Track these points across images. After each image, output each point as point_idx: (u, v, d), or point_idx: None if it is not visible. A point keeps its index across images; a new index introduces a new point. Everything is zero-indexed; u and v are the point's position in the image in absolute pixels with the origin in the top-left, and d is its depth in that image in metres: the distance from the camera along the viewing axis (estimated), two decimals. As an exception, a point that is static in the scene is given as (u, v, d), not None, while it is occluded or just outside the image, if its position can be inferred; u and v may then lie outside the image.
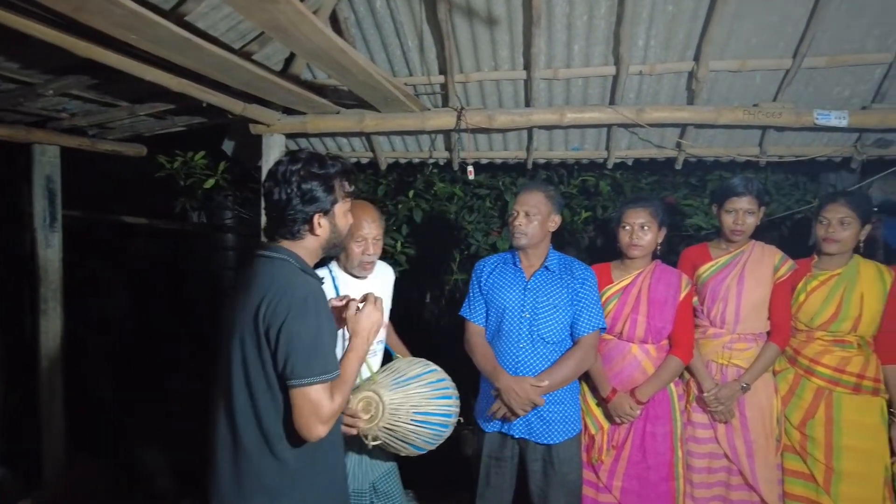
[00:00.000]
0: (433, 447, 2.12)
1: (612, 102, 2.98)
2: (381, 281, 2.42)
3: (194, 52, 2.09)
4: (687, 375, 2.52)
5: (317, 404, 1.45)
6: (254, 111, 2.94)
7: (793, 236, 3.63)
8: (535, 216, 2.35)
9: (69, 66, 2.52)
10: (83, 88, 2.77)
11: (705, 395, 2.42)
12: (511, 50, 2.78)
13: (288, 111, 3.16)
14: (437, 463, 2.45)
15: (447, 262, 4.19)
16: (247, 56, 2.52)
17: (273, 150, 3.17)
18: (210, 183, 3.72)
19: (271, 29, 1.83)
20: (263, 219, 2.97)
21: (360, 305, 1.74)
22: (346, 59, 2.12)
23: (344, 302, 1.79)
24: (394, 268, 2.57)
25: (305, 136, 3.38)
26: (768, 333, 2.48)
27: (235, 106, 2.81)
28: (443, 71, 2.93)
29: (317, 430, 1.46)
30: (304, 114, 3.15)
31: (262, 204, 1.73)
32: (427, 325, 4.32)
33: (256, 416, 1.51)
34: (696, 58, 2.68)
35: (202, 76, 2.43)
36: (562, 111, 2.98)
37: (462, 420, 2.20)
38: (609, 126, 3.13)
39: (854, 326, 2.37)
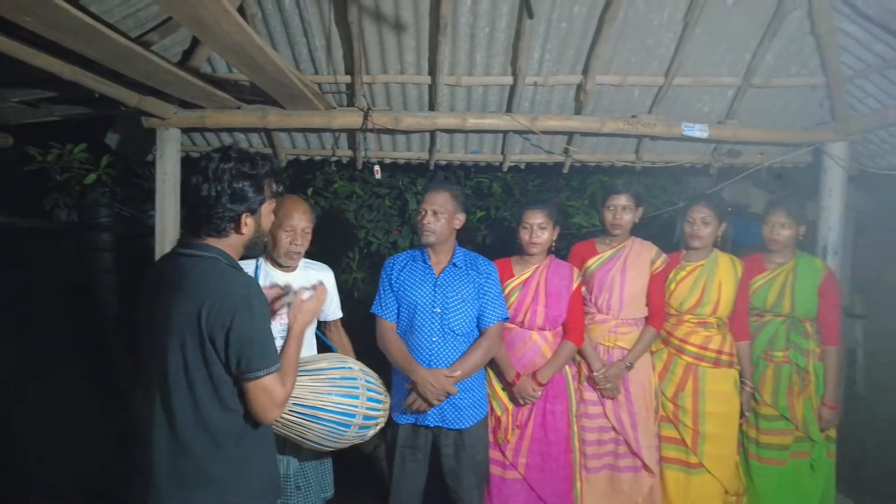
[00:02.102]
0: (339, 445, 2.09)
1: (508, 110, 3.21)
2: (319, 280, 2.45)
3: (95, 40, 1.98)
4: (578, 358, 2.79)
5: (271, 391, 1.55)
6: (149, 104, 2.80)
7: (661, 234, 4.09)
8: (441, 214, 2.48)
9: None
10: (-54, 70, 2.48)
11: (595, 374, 2.70)
12: (417, 55, 2.90)
13: (184, 104, 3.03)
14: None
15: (346, 260, 4.22)
16: (146, 46, 2.41)
17: (169, 145, 3.03)
18: (91, 178, 3.45)
19: (191, 24, 1.80)
20: (168, 214, 2.86)
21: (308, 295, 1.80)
22: (263, 56, 2.12)
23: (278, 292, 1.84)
24: None
25: (203, 130, 3.26)
26: (646, 318, 2.81)
27: (130, 98, 2.66)
28: (349, 71, 2.98)
29: (273, 412, 1.57)
30: (203, 108, 3.05)
31: (172, 198, 1.69)
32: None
33: (197, 413, 1.52)
34: (585, 72, 2.97)
35: (94, 64, 2.29)
36: (464, 116, 3.15)
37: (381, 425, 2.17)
38: (506, 132, 3.36)
39: (714, 310, 2.77)
